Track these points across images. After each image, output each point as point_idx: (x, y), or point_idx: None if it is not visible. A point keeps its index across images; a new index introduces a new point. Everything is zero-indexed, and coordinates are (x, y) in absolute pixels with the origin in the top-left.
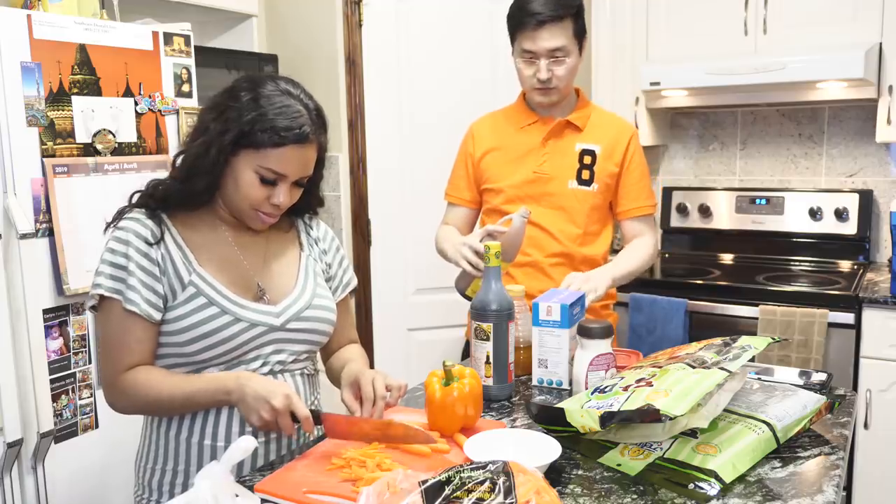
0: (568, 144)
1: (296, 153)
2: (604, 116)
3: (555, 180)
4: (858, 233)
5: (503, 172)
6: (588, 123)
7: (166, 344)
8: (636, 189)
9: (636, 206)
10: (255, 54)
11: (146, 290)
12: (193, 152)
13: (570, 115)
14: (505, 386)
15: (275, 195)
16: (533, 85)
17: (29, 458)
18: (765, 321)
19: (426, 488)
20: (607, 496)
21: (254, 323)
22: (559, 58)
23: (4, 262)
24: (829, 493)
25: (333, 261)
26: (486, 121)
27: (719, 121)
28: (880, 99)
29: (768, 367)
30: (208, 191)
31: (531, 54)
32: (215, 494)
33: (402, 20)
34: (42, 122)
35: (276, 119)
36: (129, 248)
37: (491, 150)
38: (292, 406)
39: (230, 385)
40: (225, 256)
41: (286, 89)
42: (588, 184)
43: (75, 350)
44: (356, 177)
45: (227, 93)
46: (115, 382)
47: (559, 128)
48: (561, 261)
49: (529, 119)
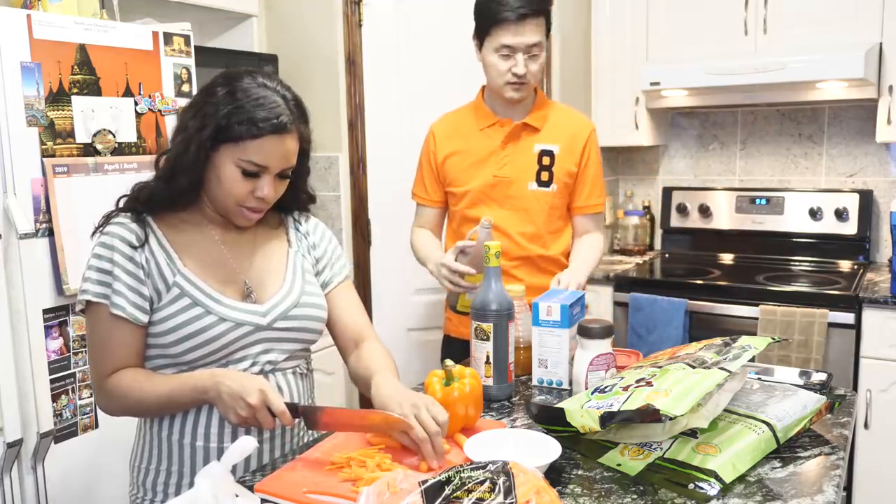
0: (526, 146)
1: (275, 143)
2: (563, 114)
3: (515, 183)
4: (858, 233)
5: (465, 176)
6: (546, 123)
7: (154, 345)
8: (590, 187)
9: (589, 204)
10: (255, 54)
11: (132, 294)
12: (174, 151)
13: (527, 116)
14: (505, 386)
15: (258, 188)
16: (507, 80)
17: (29, 458)
18: (765, 321)
19: (426, 488)
20: (607, 496)
21: (239, 322)
22: (535, 53)
23: (4, 262)
24: (829, 493)
25: (325, 253)
26: (445, 122)
27: (719, 121)
28: (880, 99)
29: (768, 367)
30: (192, 189)
31: (510, 49)
32: (215, 494)
33: (402, 20)
34: (42, 122)
35: (253, 110)
36: (114, 252)
37: (452, 154)
38: (268, 401)
39: (206, 384)
40: (211, 256)
41: (262, 82)
42: (547, 185)
43: (75, 350)
44: (356, 177)
45: (204, 90)
46: (102, 385)
47: (517, 130)
48: (522, 263)
49: (488, 121)
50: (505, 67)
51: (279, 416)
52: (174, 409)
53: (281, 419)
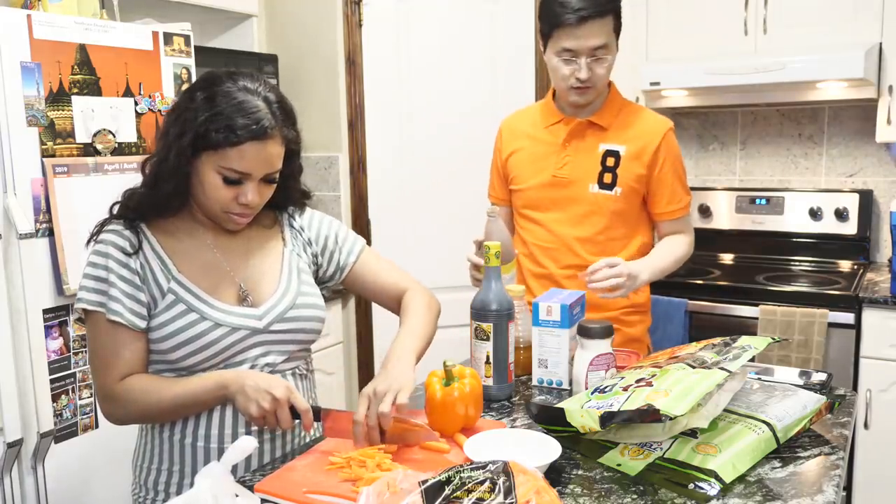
0: (591, 145)
1: (256, 150)
2: (635, 114)
3: (575, 184)
4: (858, 233)
5: (525, 174)
6: (615, 122)
7: (152, 351)
8: (670, 191)
9: (669, 210)
10: (255, 54)
11: (129, 300)
12: (156, 158)
13: (594, 114)
14: (505, 386)
15: (241, 194)
16: (571, 85)
17: (29, 458)
18: (765, 321)
19: (426, 488)
20: (607, 496)
21: (235, 327)
22: (600, 56)
23: (4, 262)
24: (829, 493)
25: (327, 242)
26: (514, 119)
27: (719, 121)
28: (880, 99)
29: (768, 367)
30: (177, 196)
31: (571, 53)
32: (215, 494)
33: (402, 20)
34: (42, 122)
35: (232, 117)
36: (109, 260)
37: (516, 151)
38: (293, 398)
39: (228, 378)
40: (205, 260)
41: (244, 85)
42: (610, 188)
43: (75, 350)
44: (356, 177)
45: (185, 93)
46: (112, 393)
47: (581, 128)
48: (578, 272)
49: (554, 118)
50: (568, 71)
51: (302, 416)
52: (190, 409)
53: (303, 419)
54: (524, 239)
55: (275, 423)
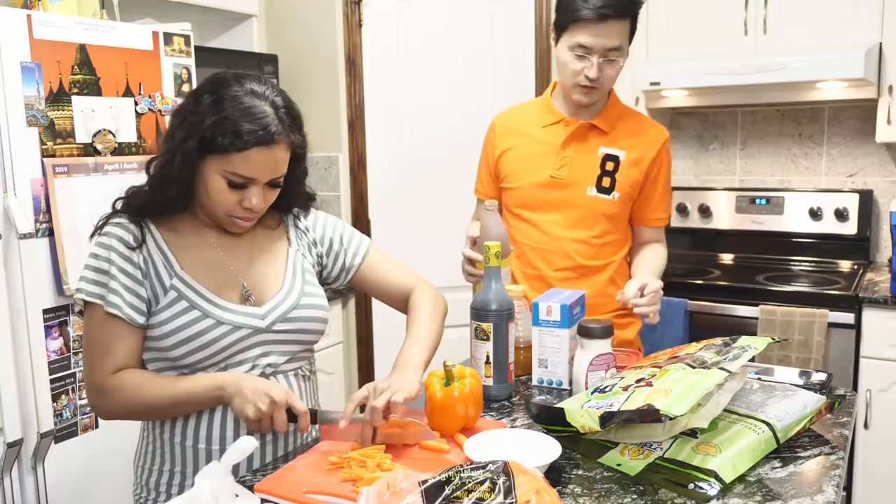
0: (590, 148)
1: (262, 155)
2: (635, 120)
3: (572, 186)
4: (858, 233)
5: (518, 173)
6: (615, 127)
7: (152, 349)
8: (659, 199)
9: (656, 217)
10: (255, 54)
11: (129, 294)
12: (161, 160)
13: (595, 117)
14: (505, 386)
15: (246, 198)
16: (579, 82)
17: (29, 458)
18: (765, 321)
19: (426, 488)
20: (607, 496)
21: (237, 325)
22: (613, 58)
23: (4, 262)
24: (829, 493)
25: (332, 243)
26: (508, 115)
27: (719, 121)
28: (880, 99)
29: (768, 367)
30: (181, 198)
31: (585, 49)
32: (215, 494)
33: (402, 20)
34: (42, 122)
35: (239, 122)
36: (112, 252)
37: (510, 148)
38: (290, 401)
39: (226, 379)
40: (209, 259)
41: (251, 89)
42: (608, 192)
43: (75, 350)
44: (356, 177)
45: (191, 95)
46: (102, 385)
47: (582, 130)
48: (570, 275)
49: (553, 118)
50: (578, 68)
51: (299, 418)
52: (184, 409)
53: (300, 421)
54: (515, 239)
55: (269, 427)
